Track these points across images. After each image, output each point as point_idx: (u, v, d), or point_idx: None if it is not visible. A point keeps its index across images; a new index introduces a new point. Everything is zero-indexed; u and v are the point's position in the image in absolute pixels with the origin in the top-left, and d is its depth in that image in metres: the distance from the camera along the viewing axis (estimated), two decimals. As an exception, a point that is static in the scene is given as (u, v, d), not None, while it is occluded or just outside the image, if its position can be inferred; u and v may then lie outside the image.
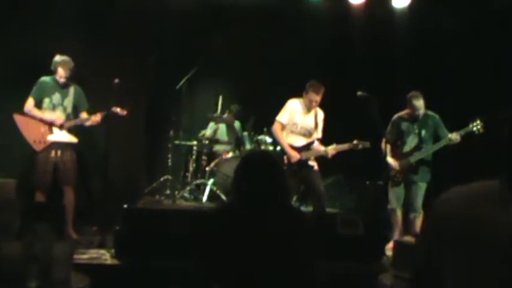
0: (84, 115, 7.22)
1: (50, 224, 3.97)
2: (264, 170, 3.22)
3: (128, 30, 8.53)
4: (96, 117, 7.14)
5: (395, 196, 7.41)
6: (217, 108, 8.94)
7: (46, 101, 7.06)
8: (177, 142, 8.50)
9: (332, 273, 4.99)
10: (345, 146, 7.18)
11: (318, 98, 7.16)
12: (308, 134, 7.33)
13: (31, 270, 3.54)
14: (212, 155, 8.75)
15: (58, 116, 7.05)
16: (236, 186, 3.26)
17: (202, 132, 9.01)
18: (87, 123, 7.18)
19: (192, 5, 8.78)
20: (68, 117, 7.16)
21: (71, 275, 3.91)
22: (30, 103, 7.02)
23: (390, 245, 7.15)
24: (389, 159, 7.42)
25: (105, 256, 5.97)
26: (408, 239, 6.53)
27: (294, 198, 8.05)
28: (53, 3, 8.22)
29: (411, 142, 7.38)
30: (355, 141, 7.14)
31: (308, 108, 7.26)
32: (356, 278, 5.54)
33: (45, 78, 7.11)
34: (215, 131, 9.04)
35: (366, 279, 5.60)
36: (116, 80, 6.97)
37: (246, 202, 3.15)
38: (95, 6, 8.42)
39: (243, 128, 9.07)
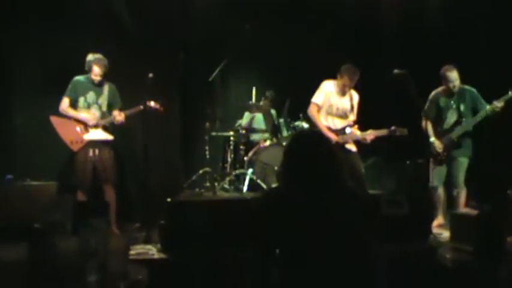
0: (115, 113, 7.21)
1: (103, 219, 3.97)
2: (318, 149, 3.02)
3: (156, 24, 8.50)
4: (120, 116, 7.14)
5: (437, 174, 7.31)
6: (251, 98, 8.86)
7: (81, 100, 7.09)
8: (213, 134, 8.44)
9: (387, 253, 4.93)
10: (382, 132, 7.11)
11: (352, 83, 7.11)
12: (344, 115, 7.29)
13: (90, 264, 3.53)
14: (250, 145, 8.71)
15: (92, 116, 7.07)
16: (287, 168, 3.05)
17: (239, 122, 8.95)
18: (115, 122, 7.17)
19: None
20: (103, 115, 7.17)
21: (128, 267, 3.91)
22: (65, 103, 7.06)
23: (436, 223, 7.09)
24: (433, 140, 7.28)
25: (152, 251, 5.93)
26: (466, 210, 6.44)
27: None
28: (79, 4, 8.21)
29: (451, 118, 7.24)
30: (393, 128, 7.06)
31: (342, 92, 7.20)
32: (410, 256, 5.46)
33: (79, 78, 7.12)
34: (251, 120, 9.00)
35: (420, 256, 5.54)
36: (150, 75, 6.94)
37: (303, 184, 2.94)
38: (121, 4, 8.42)
39: (279, 115, 9.00)
